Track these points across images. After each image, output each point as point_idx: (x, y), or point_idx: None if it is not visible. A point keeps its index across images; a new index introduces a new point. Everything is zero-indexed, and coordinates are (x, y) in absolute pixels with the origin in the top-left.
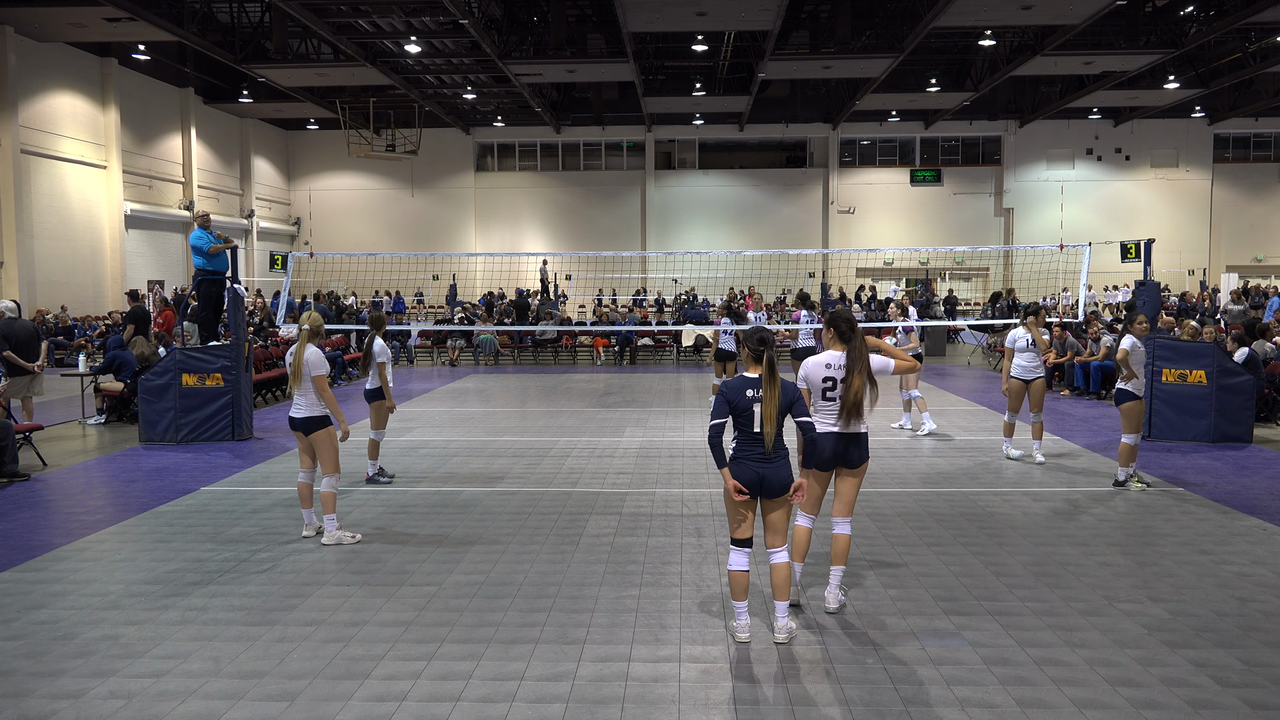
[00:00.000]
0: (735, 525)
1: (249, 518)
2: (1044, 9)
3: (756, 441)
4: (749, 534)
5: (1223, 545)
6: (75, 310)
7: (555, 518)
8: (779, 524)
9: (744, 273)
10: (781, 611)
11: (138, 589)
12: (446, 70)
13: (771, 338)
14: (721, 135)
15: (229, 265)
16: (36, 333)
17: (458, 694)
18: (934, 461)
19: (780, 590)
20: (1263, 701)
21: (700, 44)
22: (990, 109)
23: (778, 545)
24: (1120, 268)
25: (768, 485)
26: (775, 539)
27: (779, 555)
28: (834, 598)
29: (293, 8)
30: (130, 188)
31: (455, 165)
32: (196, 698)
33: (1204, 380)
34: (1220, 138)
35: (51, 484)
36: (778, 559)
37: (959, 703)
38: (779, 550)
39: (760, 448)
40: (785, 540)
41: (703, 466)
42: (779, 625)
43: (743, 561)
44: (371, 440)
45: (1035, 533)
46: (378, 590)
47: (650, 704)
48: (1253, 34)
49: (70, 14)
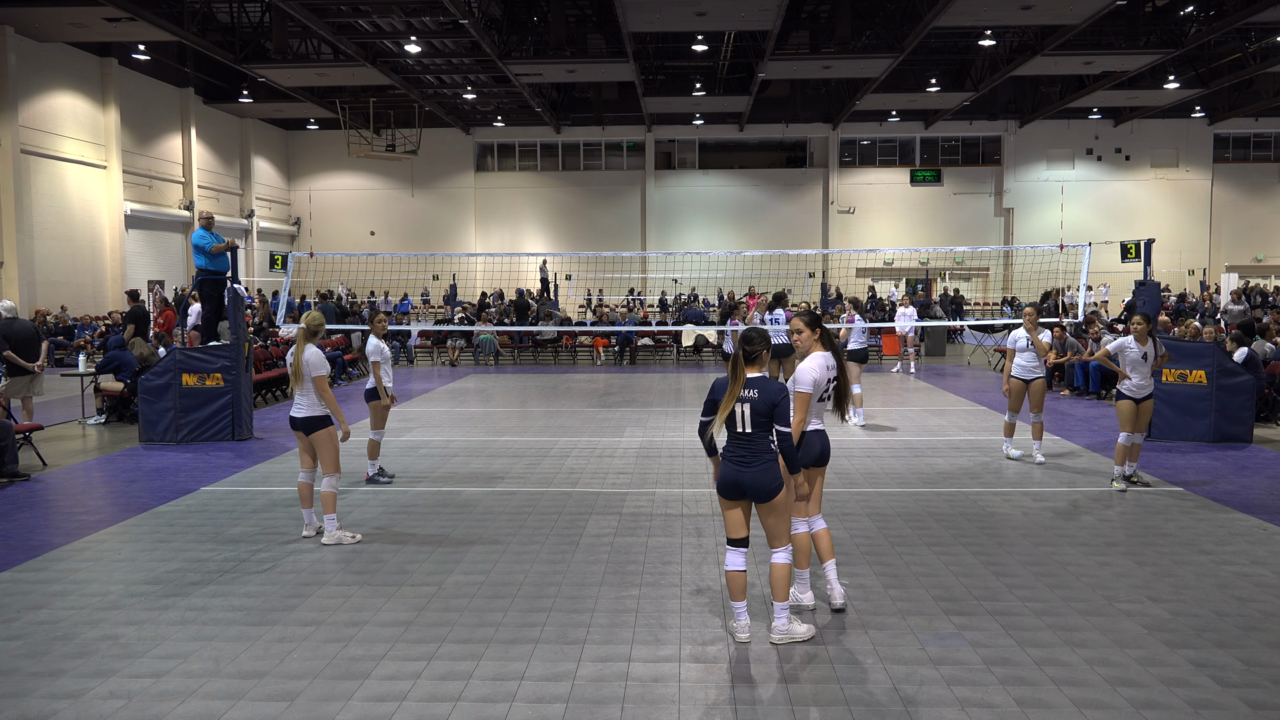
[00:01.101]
0: (726, 525)
1: (249, 518)
2: (1044, 9)
3: (738, 443)
4: (741, 534)
5: (1223, 545)
6: (75, 310)
7: (555, 518)
8: (776, 529)
9: (744, 273)
10: (780, 612)
11: (138, 589)
12: (446, 70)
13: (758, 336)
14: (721, 135)
15: (230, 265)
16: (36, 333)
17: (458, 694)
18: (934, 461)
19: (778, 591)
20: (1263, 701)
21: (700, 44)
22: (990, 109)
23: (776, 546)
24: (1120, 267)
25: (748, 490)
26: (773, 541)
27: (778, 556)
28: (838, 593)
29: (293, 8)
30: (130, 188)
31: (455, 165)
32: (196, 698)
33: (1204, 380)
34: (1220, 138)
35: (51, 484)
36: (776, 559)
37: (959, 703)
38: (778, 551)
39: (742, 450)
40: (786, 542)
41: (702, 466)
42: (775, 626)
43: (738, 561)
44: (371, 440)
45: (1035, 533)
46: (378, 590)
47: (650, 704)
48: (1253, 34)
49: (70, 14)
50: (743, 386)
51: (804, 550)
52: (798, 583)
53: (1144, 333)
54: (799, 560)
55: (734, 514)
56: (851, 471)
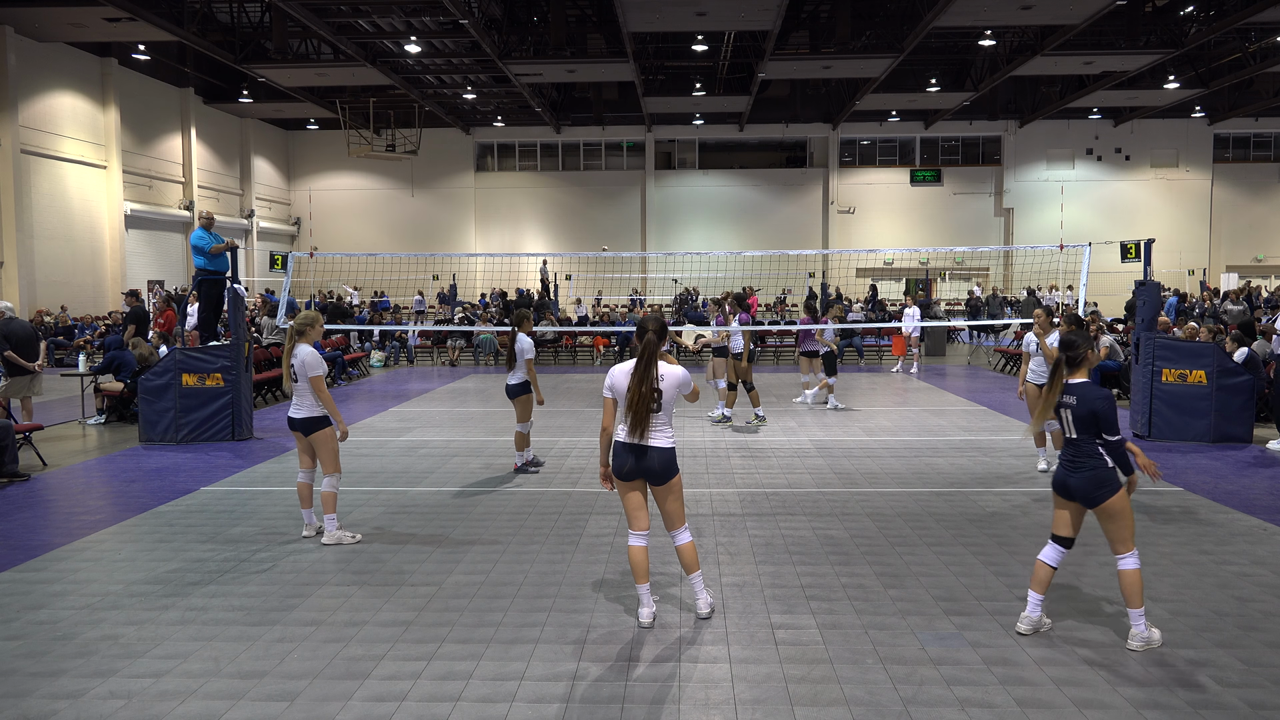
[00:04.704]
0: (1054, 522)
1: (249, 518)
2: (1044, 9)
3: (1067, 445)
4: (1066, 533)
5: (1223, 545)
6: (75, 310)
7: (555, 518)
8: (1116, 534)
9: (744, 273)
10: (1137, 619)
11: (138, 589)
12: (446, 70)
13: (1080, 340)
14: (721, 135)
15: (229, 265)
16: (34, 332)
17: (458, 694)
18: (934, 461)
19: (1132, 598)
20: (1263, 701)
21: (700, 44)
22: (990, 109)
23: (1122, 552)
24: (1120, 267)
25: (1075, 492)
26: (1117, 547)
27: (1126, 561)
28: (705, 602)
29: (293, 8)
30: (130, 188)
31: (455, 165)
32: (196, 698)
33: (1204, 380)
34: (1220, 138)
35: (51, 484)
36: (1125, 565)
37: (959, 703)
38: (1126, 557)
39: (1070, 452)
40: (1131, 547)
41: (702, 466)
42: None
43: (1053, 556)
44: (519, 432)
45: (1035, 533)
46: (377, 590)
47: (651, 704)
48: (1253, 34)
49: (70, 14)
50: (1060, 392)
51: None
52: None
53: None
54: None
55: (1062, 514)
56: (852, 471)
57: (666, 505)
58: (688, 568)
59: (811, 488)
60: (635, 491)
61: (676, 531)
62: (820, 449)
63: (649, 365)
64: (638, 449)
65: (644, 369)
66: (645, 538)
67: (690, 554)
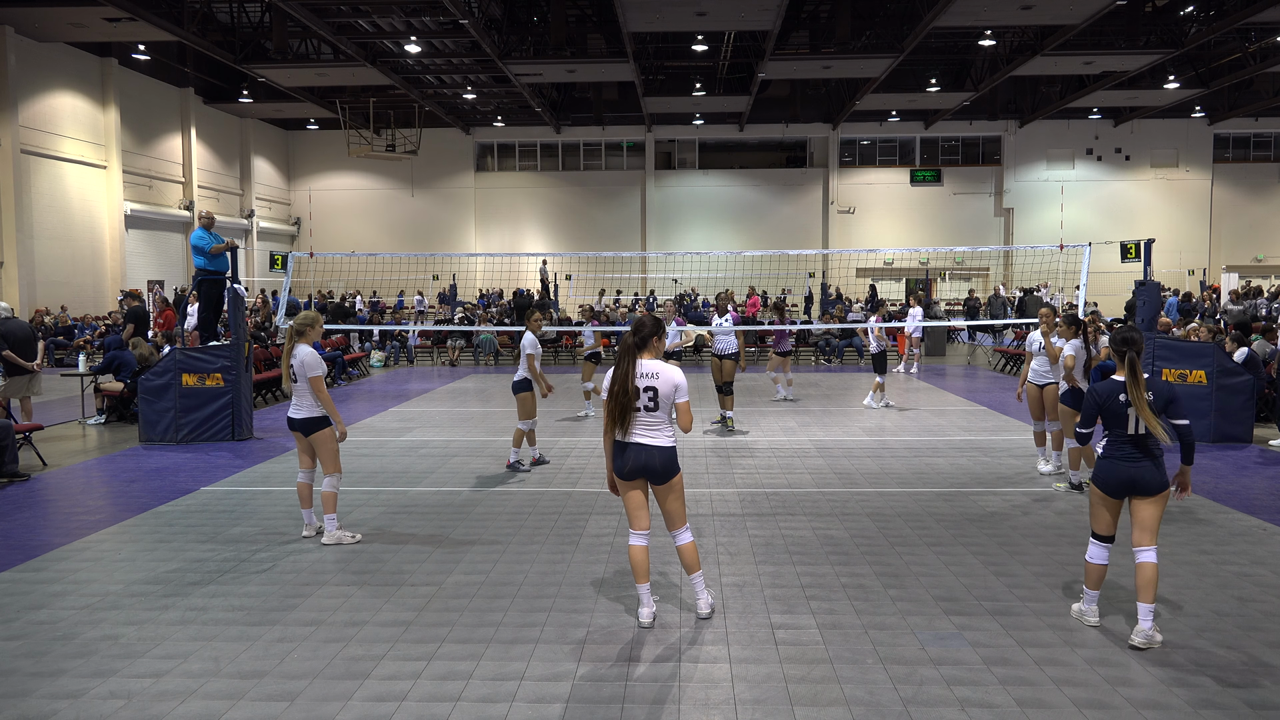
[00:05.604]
0: (1093, 520)
1: (249, 518)
2: (1044, 9)
3: (1128, 441)
4: (1110, 531)
5: (1223, 545)
6: (75, 310)
7: (555, 518)
8: (1148, 524)
9: (744, 273)
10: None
11: (138, 589)
12: (446, 70)
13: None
14: (721, 135)
15: (229, 265)
16: (33, 332)
17: (458, 694)
18: (934, 461)
19: (1144, 592)
20: (1263, 701)
21: (700, 44)
22: (990, 109)
23: (1143, 544)
24: (1120, 267)
25: (1139, 485)
26: (1141, 539)
27: (1145, 555)
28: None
29: (293, 8)
30: (130, 188)
31: (455, 165)
32: (196, 698)
33: (1204, 380)
34: (1220, 138)
35: (51, 484)
36: (1144, 558)
37: (959, 703)
38: (1145, 549)
39: (1129, 447)
40: (1154, 541)
41: (702, 466)
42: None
43: (1100, 555)
44: (518, 430)
45: (1036, 533)
46: (377, 590)
47: (651, 704)
48: (1253, 34)
49: (70, 14)
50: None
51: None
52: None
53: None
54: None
55: (1105, 514)
56: (852, 471)
57: (667, 505)
58: (688, 568)
59: (811, 488)
60: (636, 491)
61: (677, 531)
62: (820, 449)
63: (628, 365)
64: (623, 445)
65: (622, 369)
66: (646, 537)
67: (691, 554)
